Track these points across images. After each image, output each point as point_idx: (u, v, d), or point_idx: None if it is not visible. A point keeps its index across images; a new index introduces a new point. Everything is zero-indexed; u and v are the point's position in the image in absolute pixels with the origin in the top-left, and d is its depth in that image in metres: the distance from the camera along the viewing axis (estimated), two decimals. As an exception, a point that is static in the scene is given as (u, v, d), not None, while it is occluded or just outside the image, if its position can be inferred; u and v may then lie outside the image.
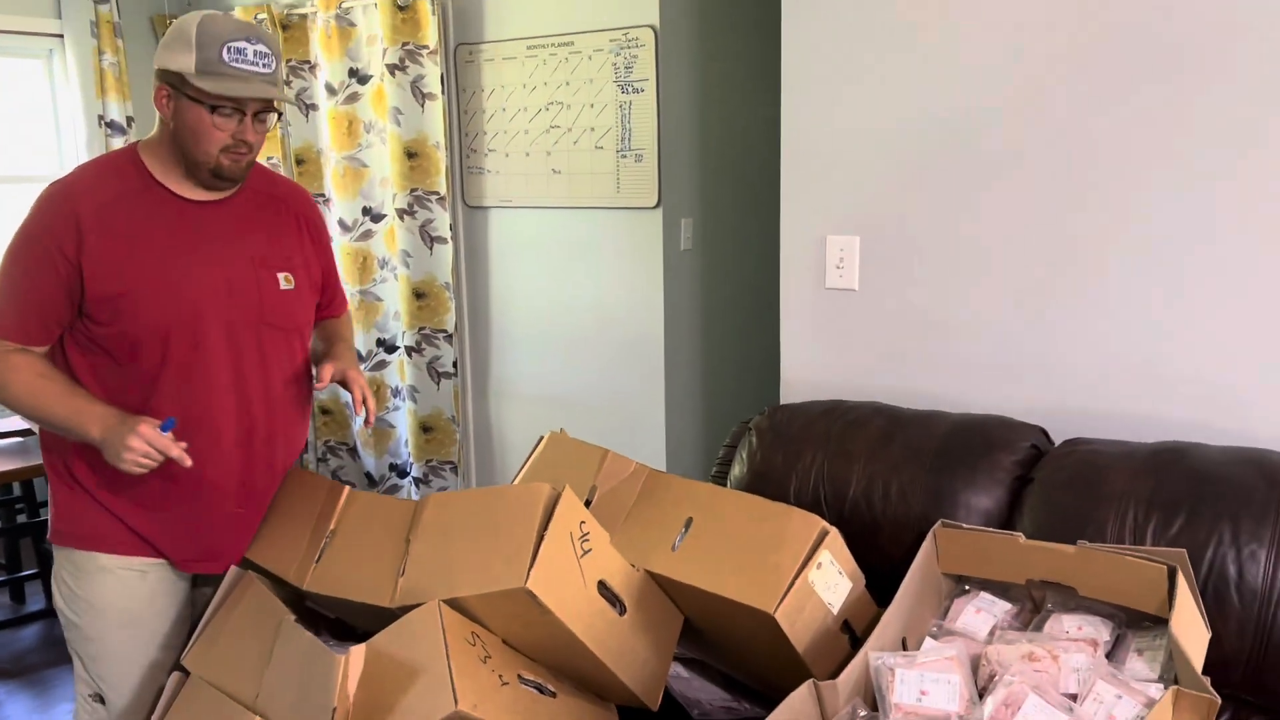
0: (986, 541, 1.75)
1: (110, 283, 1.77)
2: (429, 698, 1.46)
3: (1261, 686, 1.66)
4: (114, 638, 1.90)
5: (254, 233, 1.93)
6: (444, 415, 4.01)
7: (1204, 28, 1.92)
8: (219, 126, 1.76)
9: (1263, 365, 1.95)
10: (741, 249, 3.89)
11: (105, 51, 4.16)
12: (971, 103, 2.19)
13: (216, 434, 1.86)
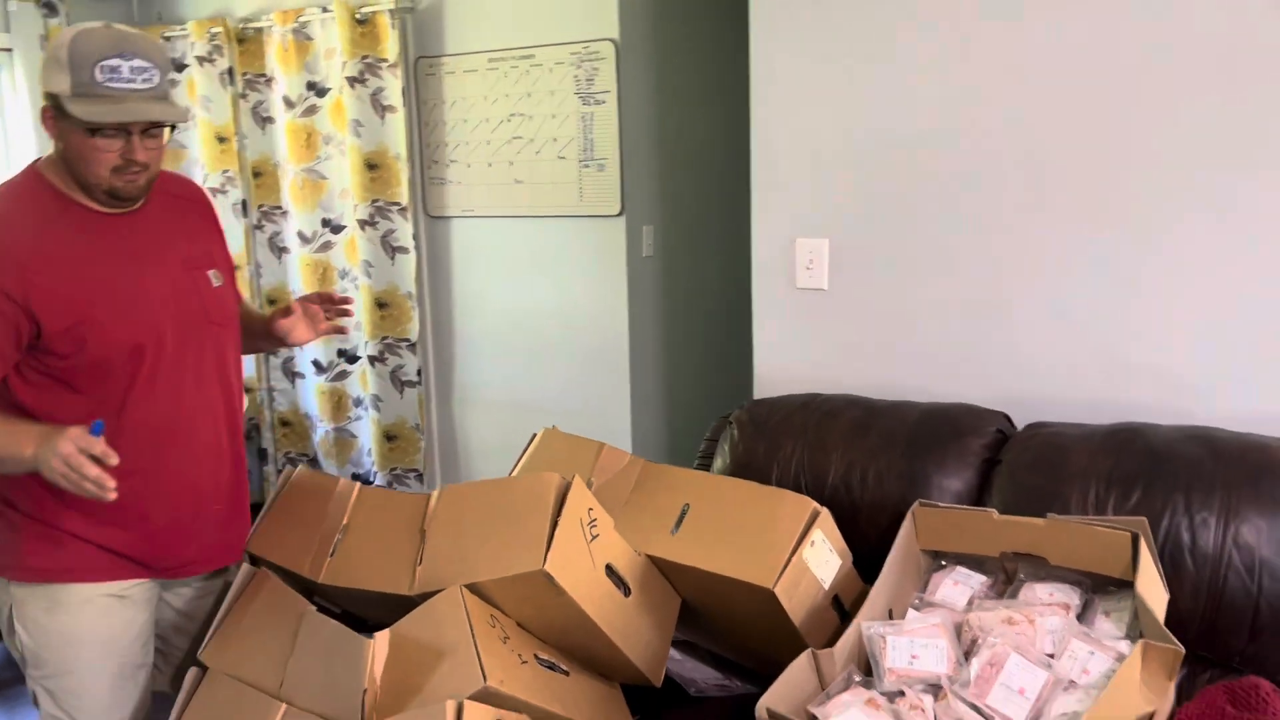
0: (962, 518, 1.88)
1: (67, 314, 1.72)
2: (458, 676, 1.54)
3: (1214, 643, 1.80)
4: (91, 667, 1.86)
5: (176, 237, 1.91)
6: (408, 424, 4.05)
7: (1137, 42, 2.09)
8: (103, 149, 1.68)
9: (1208, 352, 2.10)
10: (701, 254, 3.99)
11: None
12: (932, 112, 2.31)
13: (191, 437, 1.87)
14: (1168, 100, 2.07)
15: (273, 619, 1.77)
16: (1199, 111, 2.05)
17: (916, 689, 1.61)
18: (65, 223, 1.75)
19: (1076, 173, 2.19)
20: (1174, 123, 2.08)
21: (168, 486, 1.84)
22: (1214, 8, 2.00)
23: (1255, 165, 2.02)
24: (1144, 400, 2.17)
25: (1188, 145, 2.07)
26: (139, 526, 1.84)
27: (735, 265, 4.23)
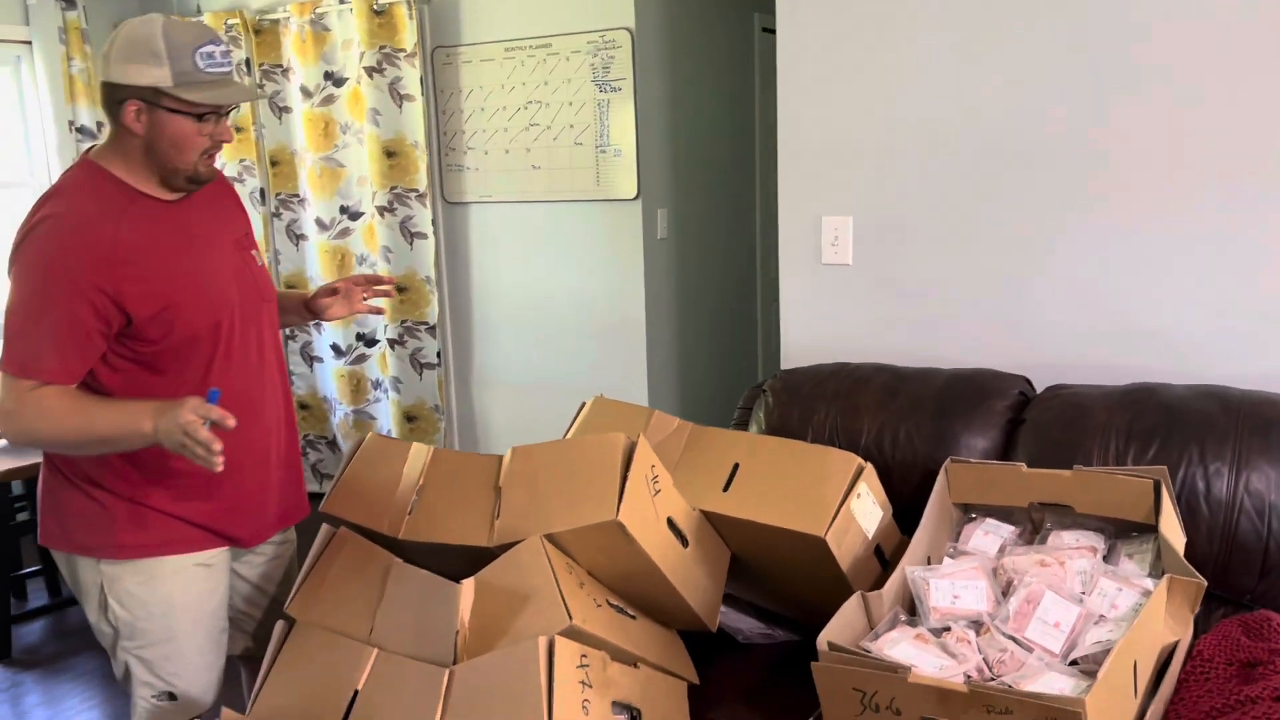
0: (993, 472, 2.01)
1: (154, 301, 1.78)
2: (544, 616, 1.66)
3: (1227, 582, 1.94)
4: (186, 633, 1.96)
5: (222, 221, 1.99)
6: (427, 405, 4.16)
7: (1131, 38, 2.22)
8: (203, 133, 1.77)
9: (1215, 316, 2.23)
10: (713, 235, 4.12)
11: (74, 58, 4.21)
12: (953, 95, 2.43)
13: (261, 408, 1.98)
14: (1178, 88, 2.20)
15: (358, 572, 1.87)
16: (1207, 97, 2.18)
17: (961, 625, 1.72)
18: (137, 214, 1.80)
19: (1092, 153, 2.31)
20: (1184, 107, 2.20)
21: (242, 459, 1.93)
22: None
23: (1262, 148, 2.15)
24: (1156, 363, 2.30)
25: (1198, 128, 2.20)
26: (219, 498, 1.94)
27: (743, 245, 4.38)
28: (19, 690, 3.12)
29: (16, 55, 4.25)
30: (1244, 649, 1.72)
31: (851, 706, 1.56)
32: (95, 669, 3.22)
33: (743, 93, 4.28)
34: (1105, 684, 1.43)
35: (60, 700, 3.05)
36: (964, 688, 1.46)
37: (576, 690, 1.59)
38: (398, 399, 4.18)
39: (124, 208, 1.78)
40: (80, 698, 3.05)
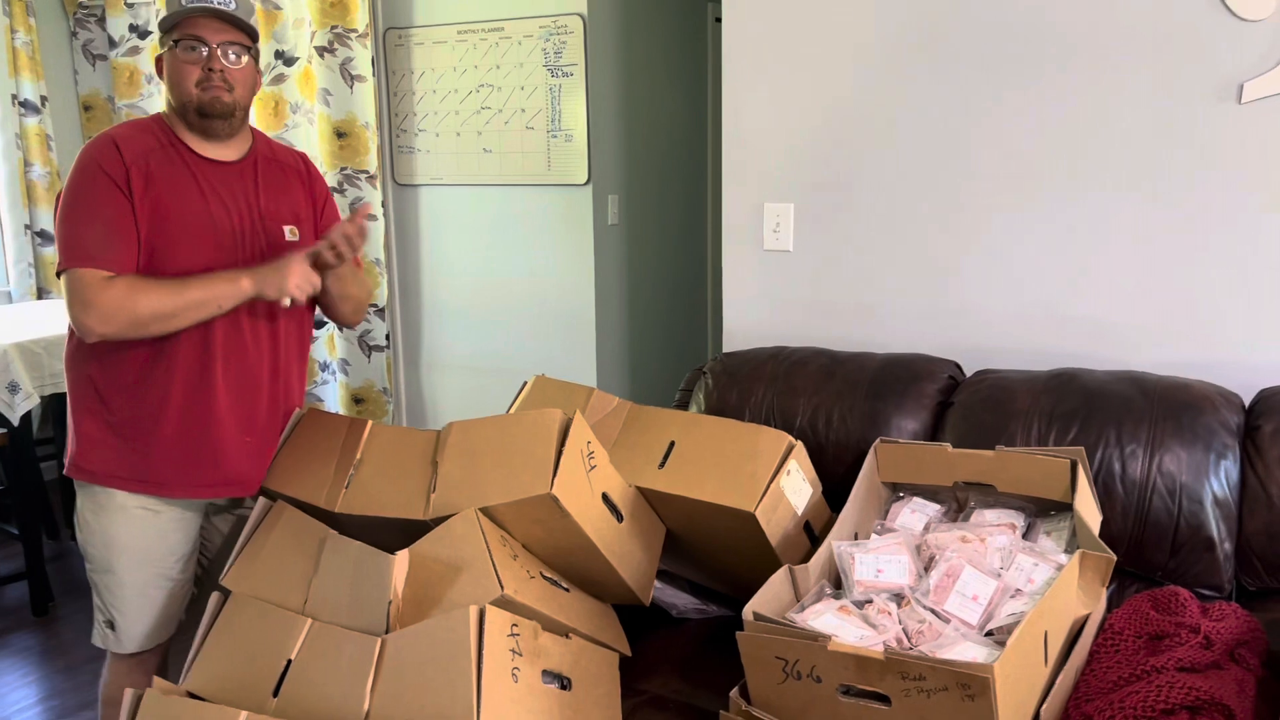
0: (920, 452, 2.07)
1: (148, 228, 1.91)
2: (476, 587, 1.69)
3: (1140, 559, 2.01)
4: (127, 572, 2.05)
5: (264, 191, 2.07)
6: (375, 387, 4.16)
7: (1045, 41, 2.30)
8: (186, 60, 1.90)
9: (1135, 306, 2.31)
10: (664, 222, 4.15)
11: (18, 30, 4.15)
12: (891, 91, 2.48)
13: (230, 368, 2.01)
14: (1097, 87, 2.27)
15: (293, 545, 1.89)
16: (1121, 104, 2.25)
17: (883, 597, 1.78)
18: (168, 155, 1.96)
19: (1020, 149, 2.37)
20: (1104, 106, 2.28)
21: (198, 411, 1.99)
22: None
23: (1176, 152, 2.23)
24: (1080, 349, 2.37)
25: (1116, 134, 2.27)
26: (161, 444, 1.99)
27: (694, 232, 4.42)
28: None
29: (-42, 27, 4.18)
30: (1152, 622, 1.79)
31: (774, 674, 1.61)
32: (33, 645, 3.21)
33: (695, 81, 4.32)
34: (1014, 652, 1.49)
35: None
36: (880, 655, 1.51)
37: (506, 658, 1.63)
38: (346, 381, 4.17)
39: (160, 144, 1.97)
40: (19, 673, 3.04)
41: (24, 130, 4.25)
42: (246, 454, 2.06)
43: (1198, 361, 2.26)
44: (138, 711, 1.67)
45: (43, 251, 4.39)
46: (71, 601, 3.49)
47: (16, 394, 3.21)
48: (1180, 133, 2.22)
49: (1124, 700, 1.63)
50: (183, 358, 1.97)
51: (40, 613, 3.42)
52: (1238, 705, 1.63)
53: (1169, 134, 2.23)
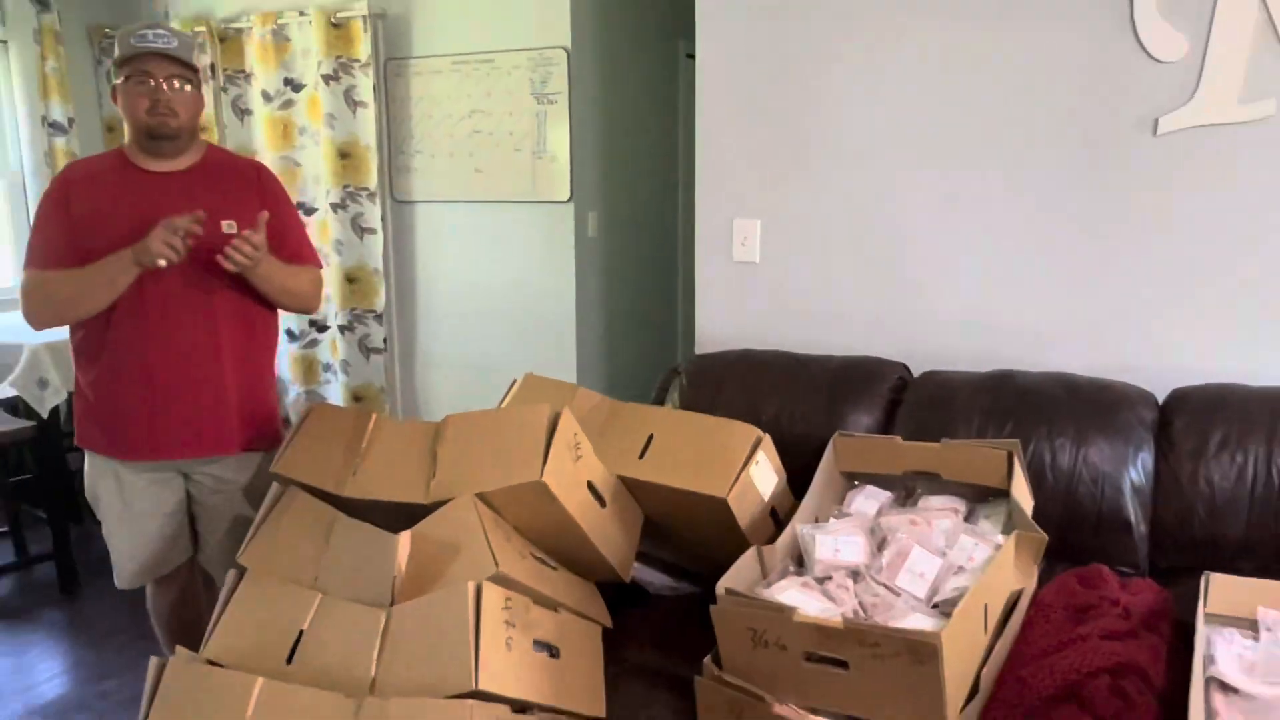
0: (873, 444, 2.09)
1: (81, 232, 2.04)
2: (473, 564, 1.69)
3: (1067, 541, 2.03)
4: (110, 522, 2.23)
5: (206, 192, 2.12)
6: (374, 386, 4.14)
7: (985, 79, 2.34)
8: (136, 93, 2.02)
9: (1065, 315, 2.35)
10: (639, 236, 4.15)
11: (48, 58, 4.11)
12: (851, 120, 2.51)
13: (168, 346, 2.10)
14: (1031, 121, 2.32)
15: (304, 526, 1.88)
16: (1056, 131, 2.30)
17: (841, 574, 1.80)
18: (115, 173, 2.10)
19: (962, 176, 2.41)
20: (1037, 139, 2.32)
21: (145, 385, 2.10)
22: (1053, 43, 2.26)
23: (1099, 175, 2.27)
24: (1015, 353, 2.39)
25: (1049, 159, 2.31)
26: (123, 416, 2.13)
27: (666, 245, 4.43)
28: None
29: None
30: (1078, 596, 1.82)
31: (744, 643, 1.62)
32: (58, 619, 3.18)
33: (667, 108, 4.33)
34: (958, 622, 1.51)
35: (25, 650, 3.00)
36: (840, 625, 1.53)
37: (501, 629, 1.63)
38: (346, 381, 4.15)
39: (109, 167, 2.12)
40: (42, 647, 3.00)
41: (52, 148, 4.20)
42: (189, 423, 2.15)
43: (1118, 364, 2.30)
44: (162, 677, 1.66)
45: (67, 259, 4.33)
46: (95, 580, 3.46)
47: (46, 389, 3.17)
48: (1105, 162, 2.27)
49: (1054, 664, 1.66)
50: (123, 336, 2.08)
51: (67, 590, 3.39)
52: (1152, 667, 1.66)
53: (1095, 163, 2.28)
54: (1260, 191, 2.14)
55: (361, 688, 1.61)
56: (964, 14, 2.35)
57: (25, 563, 3.50)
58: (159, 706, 1.65)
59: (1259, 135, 2.12)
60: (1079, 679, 1.64)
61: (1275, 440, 1.93)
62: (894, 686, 1.50)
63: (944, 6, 2.36)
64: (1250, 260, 2.17)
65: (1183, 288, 2.24)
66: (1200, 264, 2.21)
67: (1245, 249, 2.17)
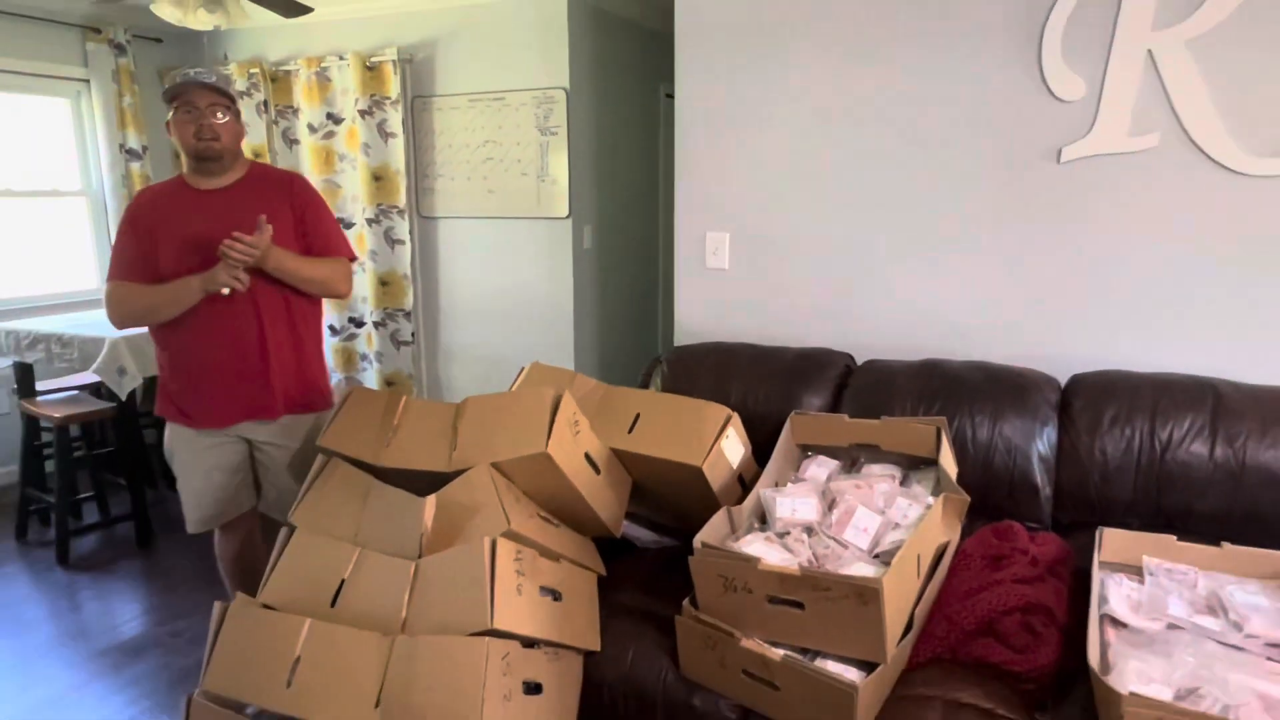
0: (824, 421, 2.09)
1: (146, 245, 2.06)
2: (489, 523, 1.68)
3: (985, 502, 2.04)
4: (183, 478, 2.22)
5: (250, 203, 2.11)
6: (403, 373, 4.11)
7: (916, 115, 2.33)
8: (182, 121, 2.03)
9: (985, 311, 2.35)
10: (627, 247, 4.14)
11: (125, 94, 4.04)
12: (803, 148, 2.50)
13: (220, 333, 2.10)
14: (955, 151, 2.31)
15: (345, 491, 1.86)
16: (974, 159, 2.29)
17: (797, 530, 1.80)
18: (174, 194, 2.10)
19: (898, 195, 2.40)
20: (959, 165, 2.31)
21: (204, 365, 2.12)
22: (979, 81, 2.25)
23: (1011, 196, 2.27)
24: (942, 345, 2.40)
25: (970, 182, 2.31)
26: (189, 390, 2.14)
27: (649, 254, 4.42)
28: (74, 587, 3.02)
29: (77, 90, 4.05)
30: (994, 547, 1.82)
31: (717, 588, 1.62)
32: (136, 570, 3.13)
33: (650, 139, 4.31)
34: (896, 570, 1.51)
35: (108, 595, 2.96)
36: (797, 572, 1.52)
37: (513, 577, 1.62)
38: (380, 369, 4.12)
39: (170, 191, 2.11)
40: (125, 594, 2.97)
41: (129, 172, 4.13)
42: (241, 393, 2.14)
43: (1028, 354, 2.31)
44: (225, 618, 1.64)
45: (142, 266, 4.27)
46: (168, 537, 3.41)
47: (124, 376, 3.12)
48: (1018, 184, 2.26)
49: (975, 604, 1.66)
50: (186, 327, 2.08)
51: (144, 545, 3.34)
52: (1056, 606, 1.67)
53: (1010, 186, 2.27)
54: (1145, 209, 2.14)
55: (394, 627, 1.59)
56: (900, 61, 2.33)
57: (108, 522, 3.45)
58: (222, 643, 1.63)
59: (1144, 162, 2.12)
60: (995, 616, 1.64)
61: (1158, 417, 1.93)
62: (842, 623, 1.50)
63: (883, 55, 2.35)
64: (1137, 266, 2.18)
65: (1081, 289, 2.24)
66: (1096, 269, 2.22)
67: (1133, 257, 2.18)
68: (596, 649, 1.77)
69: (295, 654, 1.56)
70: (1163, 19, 2.04)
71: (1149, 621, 1.56)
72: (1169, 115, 2.07)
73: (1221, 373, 2.11)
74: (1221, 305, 2.11)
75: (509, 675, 1.53)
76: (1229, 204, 2.06)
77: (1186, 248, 2.12)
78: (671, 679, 1.69)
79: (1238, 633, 1.49)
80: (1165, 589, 1.64)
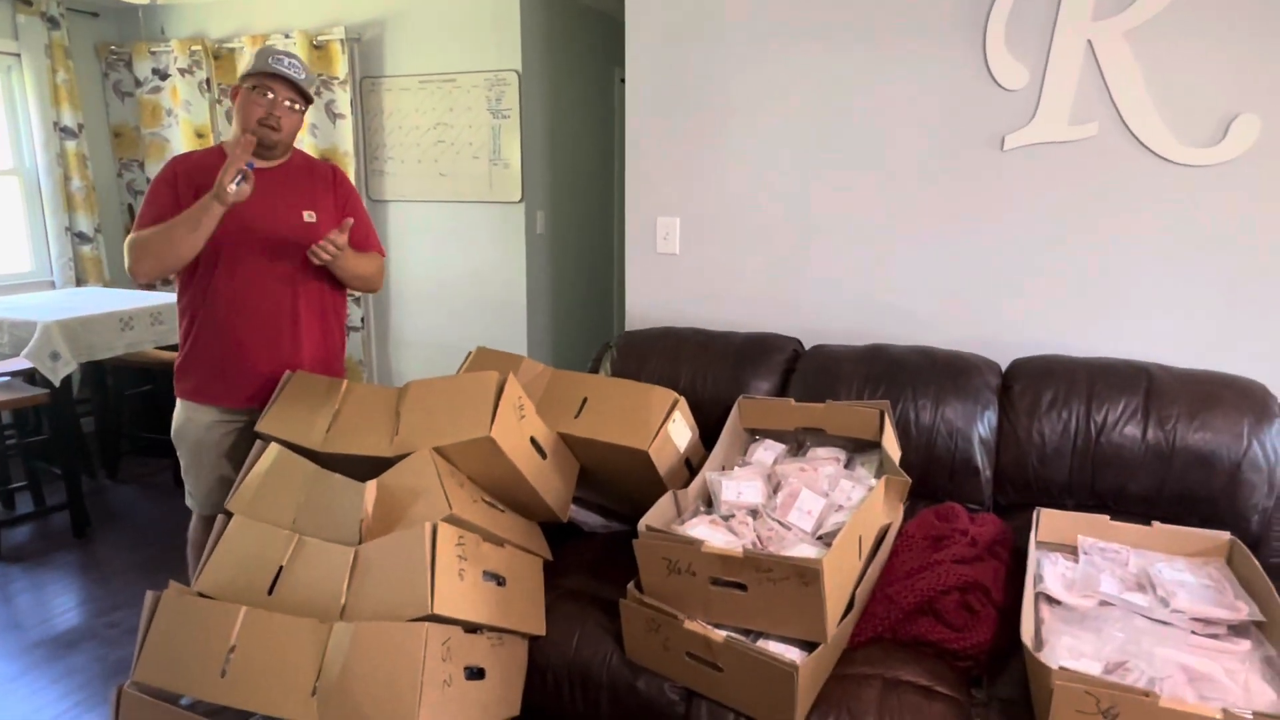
0: (770, 405, 2.09)
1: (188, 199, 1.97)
2: (430, 508, 1.65)
3: (927, 484, 2.06)
4: (190, 457, 2.15)
5: (292, 188, 2.10)
6: (354, 359, 4.04)
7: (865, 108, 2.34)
8: (254, 101, 1.98)
9: (927, 298, 2.37)
10: (580, 232, 4.11)
11: (58, 70, 3.88)
12: (753, 134, 2.49)
13: (252, 312, 2.07)
14: (902, 140, 2.32)
15: (284, 477, 1.81)
16: (920, 146, 2.31)
17: (742, 513, 1.80)
18: (216, 167, 2.00)
19: (844, 182, 2.40)
20: (906, 155, 2.33)
21: (232, 343, 2.06)
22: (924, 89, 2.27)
23: (954, 183, 2.29)
24: (886, 330, 2.42)
25: (915, 170, 2.32)
26: (217, 367, 2.08)
27: (602, 239, 4.39)
28: (6, 578, 2.91)
29: (8, 65, 3.88)
30: (935, 528, 1.85)
31: (661, 570, 1.61)
32: (72, 561, 3.04)
33: (605, 124, 4.28)
34: (838, 551, 1.52)
35: (42, 587, 2.86)
36: (740, 554, 1.53)
37: (454, 562, 1.60)
38: (330, 353, 4.03)
39: (210, 161, 2.03)
40: (59, 585, 2.87)
41: (64, 151, 3.98)
42: (267, 379, 2.09)
43: (970, 338, 2.33)
44: (158, 608, 1.59)
45: (80, 249, 4.13)
46: (105, 526, 3.31)
47: (58, 361, 3.01)
48: (961, 172, 2.28)
49: (915, 584, 1.68)
50: (218, 301, 2.04)
51: (79, 535, 3.24)
52: (993, 585, 1.69)
53: (954, 173, 2.29)
54: (1084, 197, 2.18)
55: (333, 614, 1.56)
56: (848, 47, 2.34)
57: (42, 512, 3.34)
58: (154, 633, 1.58)
59: (1084, 150, 2.16)
60: (934, 595, 1.66)
61: (1094, 400, 1.97)
62: (785, 604, 1.51)
63: (832, 40, 2.35)
64: (1076, 252, 2.21)
65: (1022, 276, 2.27)
66: (1036, 256, 2.25)
67: (1072, 243, 2.21)
68: (541, 634, 1.76)
69: (230, 643, 1.52)
70: (1102, 9, 2.07)
71: (1082, 599, 1.59)
72: (1108, 105, 2.11)
73: (1156, 357, 2.16)
74: (1156, 290, 2.15)
75: (449, 660, 1.50)
76: (1163, 192, 2.10)
77: (1123, 235, 2.16)
78: (616, 662, 1.69)
79: (1165, 608, 1.53)
80: (1098, 567, 1.67)
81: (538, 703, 1.75)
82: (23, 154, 3.98)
